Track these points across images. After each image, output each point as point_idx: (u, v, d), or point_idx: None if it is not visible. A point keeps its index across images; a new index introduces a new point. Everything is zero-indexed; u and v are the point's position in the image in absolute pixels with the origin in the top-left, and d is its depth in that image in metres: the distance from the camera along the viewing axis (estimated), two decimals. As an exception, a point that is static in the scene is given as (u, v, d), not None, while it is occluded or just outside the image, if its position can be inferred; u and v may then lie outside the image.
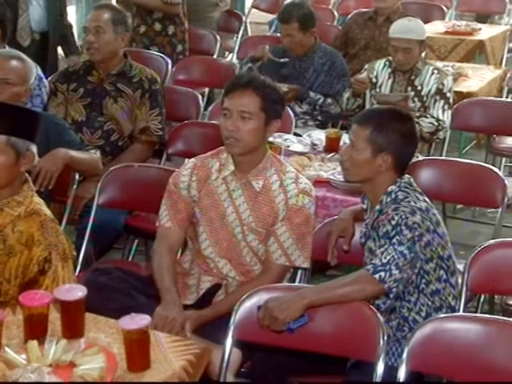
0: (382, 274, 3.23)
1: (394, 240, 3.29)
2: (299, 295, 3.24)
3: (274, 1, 9.18)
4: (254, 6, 9.32)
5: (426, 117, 5.37)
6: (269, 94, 3.69)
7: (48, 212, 3.46)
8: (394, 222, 3.32)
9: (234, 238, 3.75)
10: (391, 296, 3.29)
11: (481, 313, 3.94)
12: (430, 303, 3.43)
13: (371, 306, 3.21)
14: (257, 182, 3.72)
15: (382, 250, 3.30)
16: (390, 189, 3.45)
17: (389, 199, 3.43)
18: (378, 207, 3.46)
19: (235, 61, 7.30)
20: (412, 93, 5.41)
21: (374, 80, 5.58)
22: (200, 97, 5.72)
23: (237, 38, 8.10)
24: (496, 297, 4.24)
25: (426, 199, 3.47)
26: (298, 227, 3.69)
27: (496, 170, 4.64)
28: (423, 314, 3.41)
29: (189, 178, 3.82)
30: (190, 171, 3.85)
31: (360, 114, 3.73)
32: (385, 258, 3.26)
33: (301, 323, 3.20)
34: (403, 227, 3.30)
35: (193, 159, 3.93)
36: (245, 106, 3.64)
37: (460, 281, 3.57)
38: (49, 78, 5.42)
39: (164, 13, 6.80)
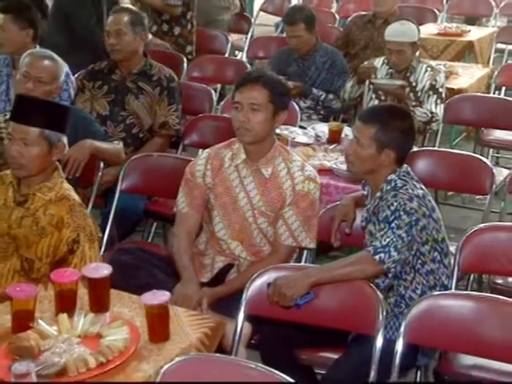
0: (382, 255, 3.23)
1: (393, 224, 3.29)
2: (305, 274, 3.25)
3: (280, 4, 9.18)
4: (261, 9, 9.30)
5: (420, 107, 5.37)
6: (276, 88, 3.70)
7: (76, 197, 3.48)
8: (393, 208, 3.32)
9: (246, 221, 3.75)
10: (390, 275, 3.30)
11: (470, 290, 3.92)
12: (425, 282, 3.43)
13: (371, 285, 3.22)
14: (266, 170, 3.72)
15: (382, 233, 3.30)
16: (389, 177, 3.45)
17: (389, 187, 3.43)
18: (378, 194, 3.46)
19: (245, 59, 7.29)
20: (408, 88, 5.39)
21: (373, 76, 5.56)
22: (213, 92, 5.71)
23: (246, 38, 8.09)
24: (484, 276, 4.24)
25: (423, 187, 3.46)
26: (304, 211, 3.69)
27: (485, 159, 4.62)
28: (418, 291, 3.41)
29: (204, 167, 3.83)
30: (204, 161, 3.85)
31: (364, 112, 3.73)
32: (384, 240, 3.26)
33: (307, 299, 3.21)
34: (401, 212, 3.30)
35: (207, 150, 3.93)
36: (254, 98, 3.65)
37: (452, 261, 3.57)
38: (75, 75, 5.43)
39: (169, 14, 6.82)
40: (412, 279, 3.41)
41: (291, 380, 2.54)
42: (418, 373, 3.45)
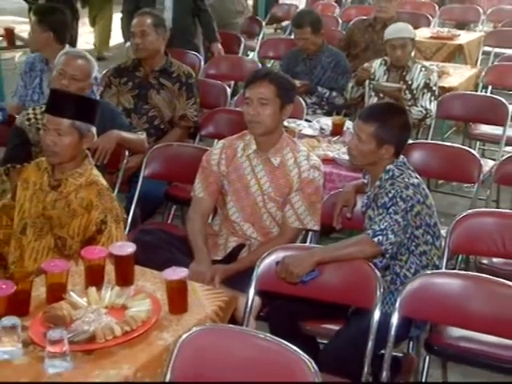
0: (380, 237, 3.23)
1: (391, 210, 3.28)
2: (310, 254, 3.25)
3: (288, 9, 9.15)
4: (271, 14, 9.27)
5: (416, 106, 5.36)
6: (282, 83, 3.70)
7: (104, 182, 3.49)
8: (390, 195, 3.32)
9: (256, 206, 3.75)
10: (387, 256, 3.30)
11: (458, 270, 3.93)
12: (418, 262, 3.42)
13: (370, 263, 3.22)
14: (275, 159, 3.72)
15: (380, 217, 3.30)
16: (388, 167, 3.44)
17: (387, 176, 3.42)
18: (377, 183, 3.46)
19: (256, 59, 7.26)
20: (404, 86, 5.37)
21: (372, 76, 5.55)
22: (227, 88, 5.70)
23: (257, 39, 8.07)
24: (471, 257, 4.24)
25: (417, 176, 3.46)
26: (309, 196, 3.69)
27: (473, 151, 4.62)
28: (412, 270, 3.41)
29: (219, 156, 3.83)
30: (219, 150, 3.85)
31: (363, 111, 3.69)
32: (382, 224, 3.26)
33: (312, 276, 3.21)
34: (398, 199, 3.30)
35: (222, 141, 3.93)
36: (263, 93, 3.65)
37: (443, 244, 3.57)
38: (103, 72, 5.45)
39: None
40: (407, 259, 3.41)
41: (296, 348, 2.55)
42: (411, 343, 3.46)
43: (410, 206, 3.30)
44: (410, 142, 4.66)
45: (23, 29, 8.80)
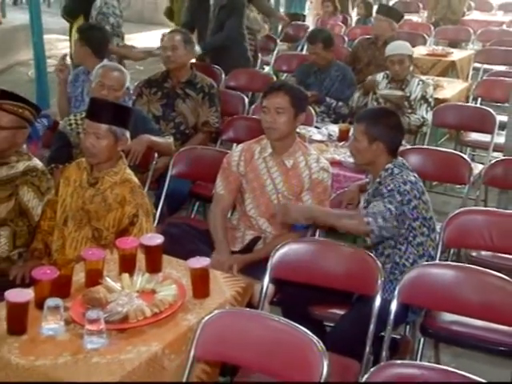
0: (371, 219, 3.25)
1: (386, 200, 3.30)
2: (311, 209, 3.44)
3: (300, 28, 9.12)
4: (285, 32, 9.23)
5: (414, 114, 5.35)
6: (296, 94, 3.71)
7: (136, 180, 3.50)
8: (389, 188, 3.33)
9: (271, 203, 3.74)
10: (372, 237, 3.31)
11: (450, 262, 3.91)
12: (415, 252, 3.42)
13: (372, 255, 3.21)
14: (288, 161, 3.72)
15: (375, 203, 3.32)
16: (387, 166, 3.44)
17: (386, 174, 3.42)
18: (378, 180, 3.46)
19: (271, 72, 7.24)
20: (408, 94, 5.38)
21: (376, 90, 5.54)
22: (245, 98, 5.69)
23: (272, 55, 8.05)
24: (461, 250, 4.22)
25: (415, 175, 3.45)
26: (318, 195, 3.69)
27: (464, 156, 4.62)
28: (410, 260, 3.41)
29: (238, 158, 3.83)
30: (239, 153, 3.85)
31: (358, 114, 3.75)
32: (376, 209, 3.28)
33: (302, 227, 3.40)
34: (395, 192, 3.31)
35: (241, 144, 3.93)
36: (279, 103, 3.65)
37: (437, 238, 3.56)
38: (135, 84, 5.47)
39: None
40: (405, 249, 3.41)
41: (306, 330, 2.55)
42: (407, 327, 3.45)
43: (406, 200, 3.31)
44: (409, 147, 4.78)
45: (65, 45, 8.85)
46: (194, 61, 5.66)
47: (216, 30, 6.44)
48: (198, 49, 5.77)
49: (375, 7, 9.06)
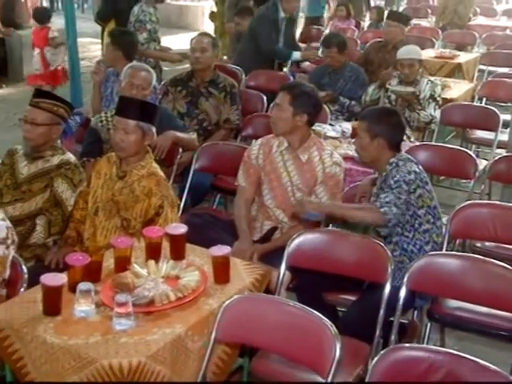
0: (386, 208, 3.24)
1: (395, 190, 3.29)
2: (326, 205, 3.39)
3: (316, 33, 9.08)
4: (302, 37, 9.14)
5: (424, 111, 5.31)
6: (298, 95, 3.68)
7: (162, 173, 3.49)
8: (395, 179, 3.32)
9: (286, 195, 3.73)
10: (390, 225, 3.30)
11: (456, 252, 3.88)
12: (422, 239, 3.39)
13: (382, 244, 3.19)
14: (303, 156, 3.70)
15: (386, 194, 3.30)
16: (391, 160, 3.42)
17: (391, 167, 3.40)
18: (384, 174, 3.43)
19: (288, 73, 7.19)
20: (417, 92, 5.33)
21: (388, 86, 5.50)
22: (264, 97, 5.66)
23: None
24: (466, 240, 4.19)
25: (419, 167, 3.44)
26: (331, 188, 3.66)
27: (470, 152, 4.58)
28: (417, 246, 3.39)
29: (257, 152, 3.81)
30: (258, 147, 3.84)
31: (361, 113, 3.74)
32: (388, 198, 3.27)
33: (314, 216, 3.32)
34: (402, 182, 3.30)
35: (260, 139, 3.91)
36: (279, 99, 3.68)
37: (444, 229, 3.54)
38: (162, 83, 5.47)
39: None
40: (412, 236, 3.38)
41: (319, 314, 2.54)
42: (415, 312, 3.43)
43: (412, 189, 3.30)
44: (418, 143, 4.78)
45: (97, 48, 8.88)
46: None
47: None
48: None
49: (386, 12, 9.05)
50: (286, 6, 6.49)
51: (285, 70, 7.18)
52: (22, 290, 2.87)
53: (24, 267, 2.94)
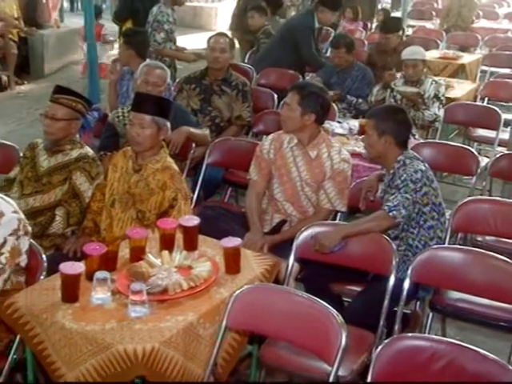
0: (395, 212, 3.20)
1: (402, 190, 3.25)
2: (338, 230, 3.22)
3: (324, 34, 9.04)
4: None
5: (428, 110, 5.31)
6: (306, 96, 3.62)
7: (176, 167, 3.49)
8: (402, 178, 3.28)
9: (296, 189, 3.71)
10: (399, 228, 3.29)
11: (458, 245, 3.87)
12: (426, 234, 3.37)
13: (387, 238, 3.18)
14: (312, 152, 3.68)
15: (393, 196, 3.26)
16: (399, 158, 3.39)
17: (398, 165, 3.37)
18: (392, 171, 3.41)
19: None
20: (422, 92, 5.32)
21: (393, 86, 5.49)
22: (275, 95, 5.64)
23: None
24: (468, 235, 4.17)
25: (426, 165, 3.40)
26: (339, 184, 3.65)
27: (472, 150, 4.55)
28: (422, 242, 3.36)
29: (268, 147, 3.79)
30: (269, 142, 3.81)
31: (369, 111, 3.71)
32: (395, 201, 3.23)
33: (339, 247, 3.18)
34: (409, 182, 3.26)
35: (272, 135, 3.89)
36: (289, 99, 3.66)
37: (447, 223, 3.52)
38: (176, 81, 5.46)
39: None
40: (417, 232, 3.36)
41: (326, 304, 2.54)
42: (418, 303, 3.42)
43: (419, 187, 3.26)
44: (422, 141, 4.76)
45: (116, 46, 8.88)
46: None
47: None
48: None
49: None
50: (321, 17, 6.40)
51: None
52: (42, 277, 2.87)
53: (43, 256, 2.93)
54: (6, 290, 2.75)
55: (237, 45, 7.23)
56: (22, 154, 3.81)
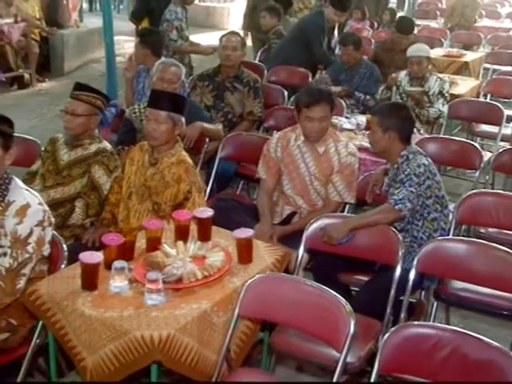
0: (400, 205, 3.18)
1: (406, 184, 3.22)
2: (345, 222, 3.20)
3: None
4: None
5: (432, 107, 5.28)
6: (331, 99, 3.63)
7: (190, 161, 3.48)
8: (406, 172, 3.26)
9: (305, 183, 3.70)
10: (405, 220, 3.27)
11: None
12: (431, 226, 3.35)
13: (394, 230, 3.16)
14: (320, 148, 3.66)
15: (398, 190, 3.24)
16: (402, 153, 3.36)
17: (402, 160, 3.34)
18: (396, 166, 3.38)
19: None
20: (427, 90, 5.29)
21: (398, 83, 5.47)
22: (285, 92, 5.62)
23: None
24: (471, 226, 4.15)
25: (428, 159, 3.37)
26: (347, 177, 3.63)
27: (476, 144, 4.52)
28: (426, 234, 3.34)
29: (275, 145, 3.77)
30: (276, 141, 3.79)
31: (373, 108, 3.68)
32: (401, 195, 3.20)
33: (347, 239, 3.17)
34: (412, 175, 3.24)
35: (278, 133, 3.87)
36: (323, 112, 3.55)
37: (450, 214, 3.50)
38: (190, 77, 5.44)
39: None
40: (422, 224, 3.34)
41: (335, 293, 2.52)
42: (423, 292, 3.40)
43: (422, 181, 3.24)
44: (427, 136, 4.74)
45: (131, 45, 8.86)
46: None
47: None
48: None
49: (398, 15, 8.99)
50: (330, 17, 6.36)
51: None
52: (63, 266, 2.87)
53: (64, 246, 2.94)
54: (29, 278, 2.75)
55: (249, 43, 7.21)
56: (43, 149, 3.81)
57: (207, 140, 4.44)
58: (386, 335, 2.36)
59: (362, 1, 9.29)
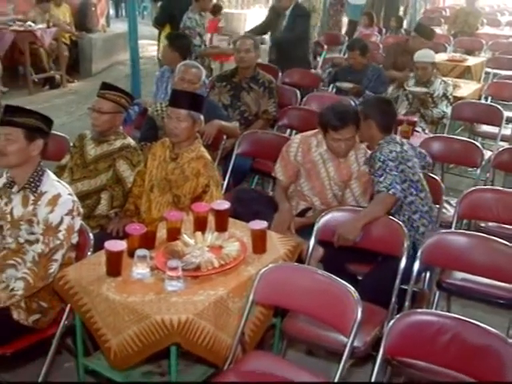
0: (393, 190, 3.19)
1: (387, 169, 3.24)
2: (355, 222, 3.16)
3: (337, 36, 8.95)
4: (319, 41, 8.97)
5: (436, 108, 5.24)
6: (358, 120, 3.49)
7: (209, 157, 3.46)
8: (381, 159, 3.28)
9: (324, 187, 3.64)
10: (399, 203, 3.28)
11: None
12: (408, 209, 3.36)
13: (400, 222, 3.12)
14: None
15: (383, 178, 3.24)
16: (380, 142, 3.39)
17: (377, 147, 3.38)
18: (373, 154, 3.40)
19: (319, 71, 7.08)
20: (431, 91, 5.25)
21: (405, 86, 5.42)
22: (298, 92, 5.59)
23: (320, 57, 7.89)
24: (471, 221, 4.11)
25: (404, 147, 3.39)
26: (364, 184, 3.59)
27: (477, 143, 4.47)
28: (406, 216, 3.36)
29: (296, 150, 3.69)
30: (296, 145, 3.71)
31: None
32: (388, 180, 3.22)
33: (359, 237, 3.15)
34: (388, 161, 3.27)
35: (298, 137, 3.78)
36: (350, 133, 3.46)
37: (452, 211, 3.46)
38: (209, 79, 5.42)
39: None
40: (400, 208, 3.34)
41: (343, 281, 2.51)
42: (426, 282, 3.37)
43: (397, 164, 3.25)
44: (431, 135, 4.70)
45: (154, 49, 8.89)
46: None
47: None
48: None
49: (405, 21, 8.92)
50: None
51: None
52: (89, 253, 2.88)
53: (90, 234, 2.94)
54: (60, 263, 2.76)
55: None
56: (72, 144, 3.82)
57: (225, 137, 4.42)
58: (392, 322, 2.35)
59: (372, 7, 9.23)
